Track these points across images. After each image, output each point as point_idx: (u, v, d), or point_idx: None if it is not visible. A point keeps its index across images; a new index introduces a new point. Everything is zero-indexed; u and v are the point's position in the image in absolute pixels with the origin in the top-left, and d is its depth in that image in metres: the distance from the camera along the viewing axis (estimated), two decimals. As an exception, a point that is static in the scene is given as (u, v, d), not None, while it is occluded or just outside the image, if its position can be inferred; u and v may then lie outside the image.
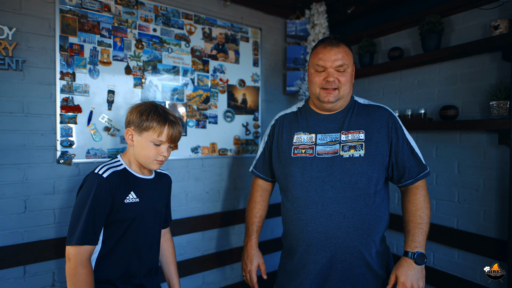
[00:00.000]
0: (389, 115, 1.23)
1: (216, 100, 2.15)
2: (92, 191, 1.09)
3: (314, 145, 1.23)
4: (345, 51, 1.20)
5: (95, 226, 1.09)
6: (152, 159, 1.20)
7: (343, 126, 1.23)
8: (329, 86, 1.19)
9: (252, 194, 1.48)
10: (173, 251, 1.45)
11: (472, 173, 1.73)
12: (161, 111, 1.21)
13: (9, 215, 1.51)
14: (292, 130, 1.31)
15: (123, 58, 1.80)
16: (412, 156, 1.20)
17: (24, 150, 1.54)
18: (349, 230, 1.14)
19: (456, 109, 1.73)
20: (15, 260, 1.51)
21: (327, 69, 1.19)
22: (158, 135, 1.17)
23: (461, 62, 1.78)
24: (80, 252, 1.06)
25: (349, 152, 1.18)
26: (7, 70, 1.49)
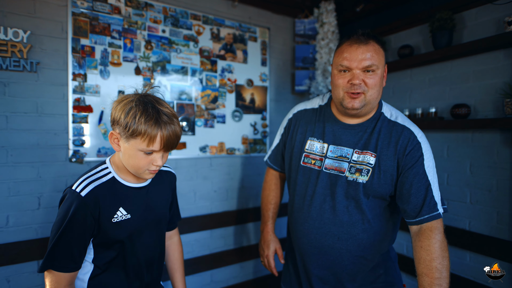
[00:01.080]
0: (410, 139, 1.05)
1: (224, 99, 2.16)
2: (67, 212, 0.90)
3: (324, 157, 1.15)
4: (375, 49, 1.04)
5: (72, 251, 0.91)
6: (143, 170, 0.96)
7: (359, 143, 1.11)
8: (354, 90, 1.03)
9: (267, 182, 1.47)
10: (180, 256, 1.27)
11: (485, 173, 1.68)
12: (150, 111, 0.91)
13: (24, 211, 1.56)
14: (307, 133, 1.21)
15: (133, 59, 1.84)
16: (424, 190, 1.01)
17: (38, 149, 1.59)
18: (342, 252, 1.12)
19: (468, 108, 1.68)
20: (30, 255, 1.56)
21: (353, 70, 1.04)
22: (149, 144, 0.91)
23: (473, 59, 1.73)
24: (56, 280, 0.91)
25: (354, 175, 1.08)
26: (22, 71, 1.55)
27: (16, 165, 1.54)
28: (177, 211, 1.28)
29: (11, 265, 1.53)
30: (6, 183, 1.52)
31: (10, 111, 1.53)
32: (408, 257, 2.01)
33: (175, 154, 1.97)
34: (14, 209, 1.54)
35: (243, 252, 2.26)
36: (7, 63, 1.51)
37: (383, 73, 1.09)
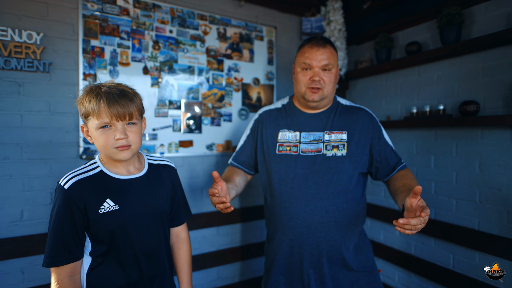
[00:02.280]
0: (369, 116, 1.30)
1: (230, 98, 2.19)
2: (55, 207, 0.95)
3: (299, 143, 1.28)
4: (331, 51, 1.24)
5: (67, 244, 0.94)
6: (111, 148, 0.96)
7: (327, 126, 1.28)
8: (314, 85, 1.22)
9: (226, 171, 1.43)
10: (185, 254, 1.23)
11: (494, 171, 1.64)
12: (94, 88, 0.97)
13: (37, 205, 1.63)
14: (277, 127, 1.34)
15: (141, 59, 1.88)
16: (392, 153, 1.30)
17: (50, 146, 1.66)
18: (331, 224, 1.21)
19: (477, 105, 1.65)
20: (42, 247, 1.63)
21: (313, 68, 1.23)
22: (98, 117, 0.93)
23: (483, 55, 1.69)
24: (58, 273, 0.95)
25: (332, 151, 1.24)
26: (35, 72, 1.62)
27: (30, 161, 1.61)
28: (183, 207, 1.24)
29: (25, 257, 1.60)
30: (21, 179, 1.59)
31: (25, 110, 1.60)
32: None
33: (182, 152, 2.01)
34: (28, 203, 1.61)
35: (249, 250, 2.28)
36: (22, 64, 1.58)
37: (337, 73, 1.29)
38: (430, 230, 1.92)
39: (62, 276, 0.95)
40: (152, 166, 1.14)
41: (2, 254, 1.54)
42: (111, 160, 1.03)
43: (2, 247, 1.54)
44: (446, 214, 1.86)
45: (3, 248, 1.55)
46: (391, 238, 2.19)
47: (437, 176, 1.91)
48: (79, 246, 0.98)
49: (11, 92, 1.57)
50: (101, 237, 1.00)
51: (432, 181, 1.94)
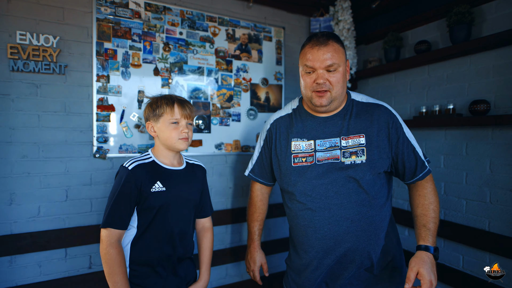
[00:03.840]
0: (389, 114, 1.18)
1: (239, 98, 2.22)
2: (120, 182, 1.21)
3: (314, 151, 1.20)
4: (335, 48, 1.12)
5: (121, 213, 1.19)
6: (176, 138, 1.27)
7: (342, 131, 1.19)
8: (319, 88, 1.13)
9: (252, 199, 1.51)
10: (208, 241, 1.47)
11: (505, 171, 1.61)
12: (167, 95, 1.33)
13: (53, 202, 1.70)
14: (289, 136, 1.26)
15: (152, 61, 1.94)
16: (413, 155, 1.18)
17: (66, 145, 1.73)
18: (357, 233, 1.15)
19: (488, 104, 1.62)
20: (58, 243, 1.70)
21: (317, 70, 1.13)
22: (172, 115, 1.27)
23: (493, 53, 1.67)
24: (109, 234, 1.18)
25: (351, 158, 1.15)
26: (52, 74, 1.69)
27: (46, 160, 1.68)
28: (208, 202, 1.51)
29: (42, 251, 1.67)
30: (38, 176, 1.67)
31: (42, 110, 1.67)
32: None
33: (191, 151, 2.05)
34: (45, 200, 1.68)
35: (257, 248, 2.30)
36: (39, 67, 1.65)
37: (345, 69, 1.18)
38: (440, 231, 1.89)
39: (114, 238, 1.18)
40: (189, 164, 1.42)
41: (21, 248, 1.62)
42: (163, 153, 1.32)
43: (21, 242, 1.62)
44: (456, 215, 1.84)
45: (22, 243, 1.62)
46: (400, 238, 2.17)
47: (447, 176, 1.89)
48: (128, 218, 1.22)
49: (29, 94, 1.64)
50: (148, 212, 1.24)
51: (442, 181, 1.92)
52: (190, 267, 1.39)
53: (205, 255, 1.46)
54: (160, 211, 1.26)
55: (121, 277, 1.16)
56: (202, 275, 1.42)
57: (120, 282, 1.16)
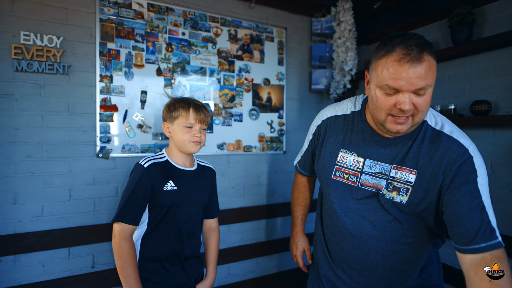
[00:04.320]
0: (459, 154, 0.87)
1: (241, 98, 2.23)
2: (135, 179, 1.25)
3: (360, 172, 1.03)
4: (430, 65, 0.82)
5: (135, 209, 1.23)
6: (188, 141, 1.31)
7: (397, 158, 0.97)
8: (402, 115, 0.86)
9: (296, 184, 1.44)
10: (215, 240, 1.51)
11: (506, 171, 1.62)
12: (185, 99, 1.36)
13: (56, 202, 1.71)
14: (339, 144, 1.09)
15: (155, 61, 1.94)
16: (479, 214, 0.83)
17: (69, 145, 1.74)
18: (386, 267, 1.04)
19: (489, 104, 1.64)
20: (61, 242, 1.71)
21: (402, 92, 0.84)
22: (187, 119, 1.31)
23: (495, 54, 1.68)
24: (122, 229, 1.22)
25: (391, 193, 0.97)
26: (55, 74, 1.69)
27: (50, 159, 1.69)
28: (216, 203, 1.56)
29: (45, 250, 1.68)
30: (42, 176, 1.68)
31: (45, 110, 1.68)
32: None
33: (194, 151, 2.06)
34: (48, 199, 1.69)
35: (260, 248, 2.31)
36: (43, 67, 1.66)
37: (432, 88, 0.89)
38: (441, 230, 1.90)
39: (126, 233, 1.22)
40: (200, 166, 1.46)
41: (24, 247, 1.63)
42: (176, 154, 1.37)
43: (25, 241, 1.63)
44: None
45: (25, 242, 1.63)
46: None
47: (448, 176, 1.90)
48: (140, 214, 1.26)
49: (33, 94, 1.65)
50: (159, 209, 1.28)
51: (443, 181, 1.93)
52: (198, 265, 1.42)
53: (212, 254, 1.50)
54: (171, 209, 1.30)
55: (133, 271, 1.19)
56: (209, 273, 1.47)
57: (132, 276, 1.19)
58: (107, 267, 1.82)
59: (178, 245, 1.32)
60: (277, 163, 2.38)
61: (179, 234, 1.33)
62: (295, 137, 2.45)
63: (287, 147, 2.42)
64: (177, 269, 1.33)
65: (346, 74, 2.36)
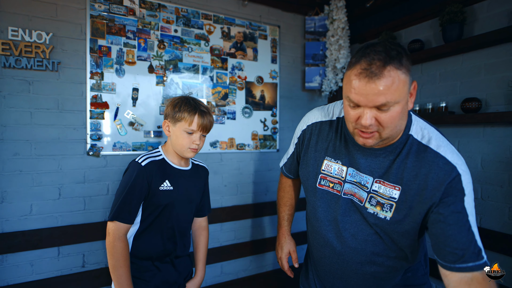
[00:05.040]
0: (446, 172, 0.83)
1: (234, 96, 2.22)
2: (131, 177, 1.22)
3: (343, 181, 1.00)
4: (393, 80, 0.76)
5: (131, 207, 1.21)
6: (186, 147, 1.28)
7: (380, 171, 0.93)
8: (365, 130, 0.84)
9: (281, 184, 1.38)
10: (204, 239, 1.50)
11: (496, 168, 1.64)
12: (192, 102, 1.30)
13: (46, 200, 1.68)
14: (323, 151, 1.06)
15: (147, 58, 1.92)
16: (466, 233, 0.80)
17: (59, 143, 1.71)
18: (366, 276, 1.02)
19: (479, 102, 1.65)
20: (51, 241, 1.68)
21: (363, 108, 0.82)
22: (189, 124, 1.26)
23: (485, 52, 1.69)
24: (117, 228, 1.20)
25: (375, 208, 0.93)
26: (44, 71, 1.67)
27: (39, 157, 1.66)
28: (207, 202, 1.53)
29: (34, 250, 1.65)
30: (30, 174, 1.65)
31: (34, 107, 1.65)
32: None
33: (186, 149, 2.04)
34: (37, 198, 1.66)
35: (253, 246, 2.31)
36: (32, 63, 1.63)
37: (408, 99, 0.83)
38: (433, 227, 1.92)
39: (121, 232, 1.20)
40: (194, 164, 1.44)
41: (13, 247, 1.60)
42: (172, 153, 1.34)
43: (13, 240, 1.60)
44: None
45: (13, 241, 1.60)
46: None
47: (440, 173, 1.91)
48: (135, 213, 1.24)
49: (21, 90, 1.62)
50: (154, 209, 1.26)
51: (434, 179, 1.94)
52: (187, 263, 1.42)
53: (201, 253, 1.49)
54: (166, 209, 1.28)
55: (125, 270, 1.18)
56: (199, 272, 1.46)
57: (124, 276, 1.17)
58: (97, 266, 1.80)
59: (170, 244, 1.31)
60: (270, 161, 2.37)
61: (172, 234, 1.32)
62: (288, 135, 2.45)
63: (281, 145, 2.42)
64: (168, 266, 1.32)
65: (338, 72, 2.37)
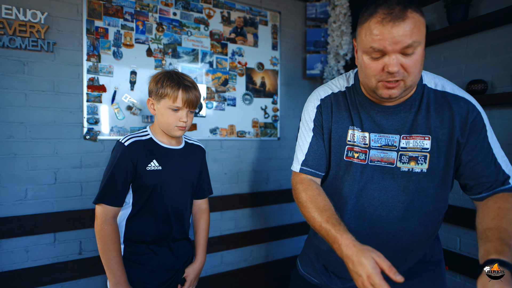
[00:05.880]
0: (468, 110, 0.87)
1: (234, 82, 2.18)
2: (115, 158, 1.17)
3: (368, 148, 0.95)
4: (414, 21, 0.77)
5: (116, 189, 1.16)
6: (172, 126, 1.21)
7: (405, 127, 0.91)
8: (392, 78, 0.81)
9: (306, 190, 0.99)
10: (205, 222, 1.43)
11: (503, 151, 1.61)
12: (175, 76, 1.21)
13: (41, 185, 1.63)
14: (345, 121, 0.99)
15: (145, 41, 1.88)
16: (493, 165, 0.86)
17: (54, 126, 1.66)
18: (396, 248, 0.97)
19: (485, 83, 1.62)
20: (47, 227, 1.63)
21: (388, 54, 0.79)
22: (174, 101, 1.18)
23: (491, 33, 1.66)
24: (104, 211, 1.15)
25: (409, 165, 0.91)
26: (39, 51, 1.62)
27: (34, 140, 1.62)
28: (207, 183, 1.45)
29: (29, 236, 1.60)
30: (25, 158, 1.60)
31: (29, 89, 1.60)
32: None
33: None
34: (32, 182, 1.61)
35: (254, 235, 2.27)
36: (26, 43, 1.58)
37: (423, 45, 0.83)
38: (437, 214, 1.89)
39: (108, 215, 1.15)
40: (188, 144, 1.36)
41: (7, 232, 1.55)
42: (161, 132, 1.26)
43: (7, 225, 1.55)
44: (452, 197, 1.83)
45: (8, 227, 1.55)
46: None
47: (444, 159, 1.88)
48: (123, 195, 1.18)
49: (16, 71, 1.57)
50: (143, 190, 1.21)
51: (438, 164, 1.91)
52: (187, 247, 1.36)
53: (201, 237, 1.42)
54: (155, 190, 1.22)
55: (114, 254, 1.13)
56: (199, 256, 1.39)
57: (114, 259, 1.13)
58: (95, 253, 1.75)
59: (165, 227, 1.25)
60: (271, 149, 2.34)
61: (166, 216, 1.25)
62: (289, 124, 2.41)
63: (281, 133, 2.38)
64: (165, 250, 1.26)
65: (340, 59, 2.33)
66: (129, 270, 1.19)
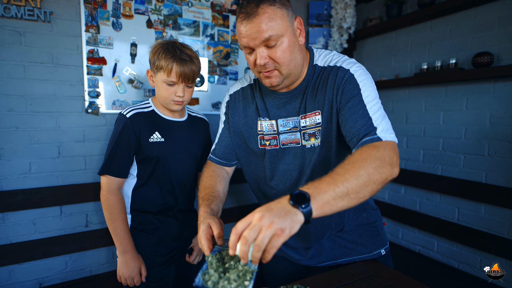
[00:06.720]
0: (343, 76, 0.90)
1: (236, 56, 2.14)
2: (117, 130, 1.17)
3: (277, 134, 1.02)
4: (269, 15, 0.83)
5: (120, 161, 1.17)
6: (169, 100, 1.18)
7: (301, 108, 0.98)
8: (263, 70, 0.89)
9: (203, 173, 1.09)
10: None
11: (505, 123, 1.62)
12: (171, 48, 1.15)
13: (45, 159, 1.62)
14: (255, 113, 1.06)
15: (145, 12, 1.82)
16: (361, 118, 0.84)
17: (55, 99, 1.63)
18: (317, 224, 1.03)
19: (491, 56, 1.61)
20: (53, 200, 1.64)
21: (255, 48, 0.87)
22: (168, 75, 1.14)
23: (499, 4, 1.63)
24: (109, 182, 1.17)
25: (310, 141, 0.98)
26: (36, 21, 1.56)
27: (35, 114, 1.59)
28: None
29: (35, 209, 1.61)
30: (27, 131, 1.58)
31: (27, 60, 1.56)
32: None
33: (188, 110, 1.98)
34: (36, 156, 1.60)
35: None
36: (22, 12, 1.52)
37: (293, 35, 0.89)
38: (436, 186, 1.93)
39: (113, 186, 1.17)
40: (191, 116, 1.35)
41: (13, 205, 1.56)
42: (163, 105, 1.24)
43: (13, 198, 1.55)
44: (453, 170, 1.87)
45: (14, 199, 1.55)
46: (396, 196, 2.21)
47: (446, 132, 1.90)
48: (127, 166, 1.19)
49: (13, 42, 1.52)
50: (147, 162, 1.21)
51: (440, 138, 1.93)
52: (193, 218, 1.37)
53: None
54: (159, 162, 1.22)
55: (121, 223, 1.16)
56: None
57: (120, 228, 1.15)
58: (101, 226, 1.78)
59: (170, 198, 1.27)
60: (273, 124, 2.33)
61: (171, 187, 1.26)
62: (291, 99, 2.39)
63: (283, 108, 2.37)
64: (171, 220, 1.28)
65: (343, 33, 2.29)
66: (137, 239, 1.22)
